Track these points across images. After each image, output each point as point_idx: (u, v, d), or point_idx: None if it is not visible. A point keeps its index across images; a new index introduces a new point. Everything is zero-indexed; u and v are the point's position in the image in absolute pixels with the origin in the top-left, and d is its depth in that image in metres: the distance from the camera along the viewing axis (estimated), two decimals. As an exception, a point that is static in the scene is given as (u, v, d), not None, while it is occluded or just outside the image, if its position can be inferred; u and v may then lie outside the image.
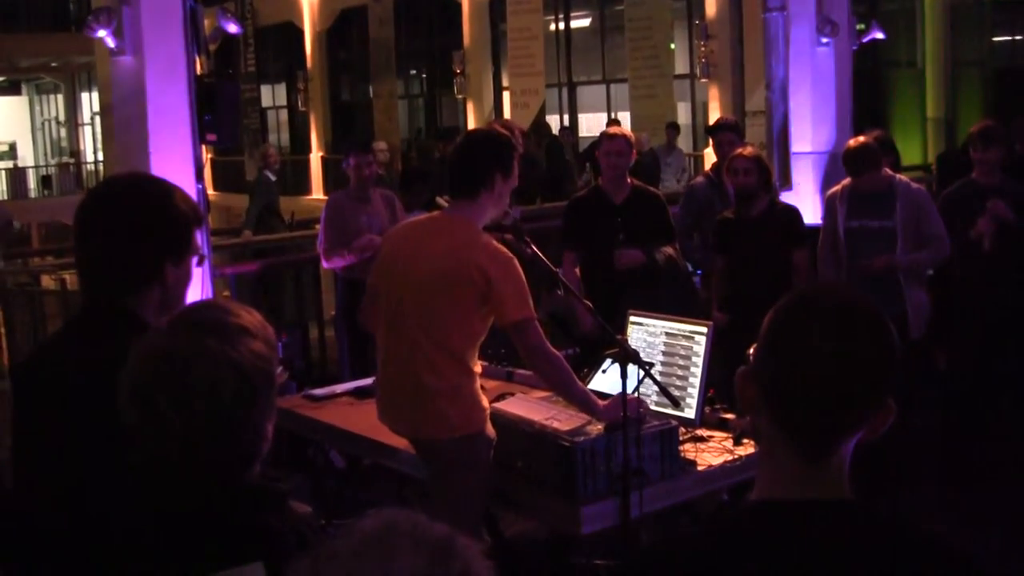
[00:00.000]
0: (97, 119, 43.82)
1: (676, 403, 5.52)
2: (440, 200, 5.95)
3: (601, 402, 5.45)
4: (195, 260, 3.26)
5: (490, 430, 5.48)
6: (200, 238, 3.33)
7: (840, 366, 2.12)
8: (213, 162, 32.42)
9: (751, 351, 2.25)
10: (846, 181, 8.53)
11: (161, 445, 2.37)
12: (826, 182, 11.09)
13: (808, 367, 2.13)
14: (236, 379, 2.36)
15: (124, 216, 3.14)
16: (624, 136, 8.47)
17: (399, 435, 5.77)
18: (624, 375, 5.11)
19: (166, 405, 2.34)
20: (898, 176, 8.55)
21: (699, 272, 9.43)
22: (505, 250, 5.40)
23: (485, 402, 5.51)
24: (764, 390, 2.20)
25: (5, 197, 39.75)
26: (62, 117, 49.32)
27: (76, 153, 47.69)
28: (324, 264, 9.62)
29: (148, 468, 2.40)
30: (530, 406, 5.81)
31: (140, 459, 2.40)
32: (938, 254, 8.36)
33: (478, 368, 5.54)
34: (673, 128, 21.94)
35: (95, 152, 45.54)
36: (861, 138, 8.61)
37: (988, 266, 8.55)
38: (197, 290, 6.95)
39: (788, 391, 2.16)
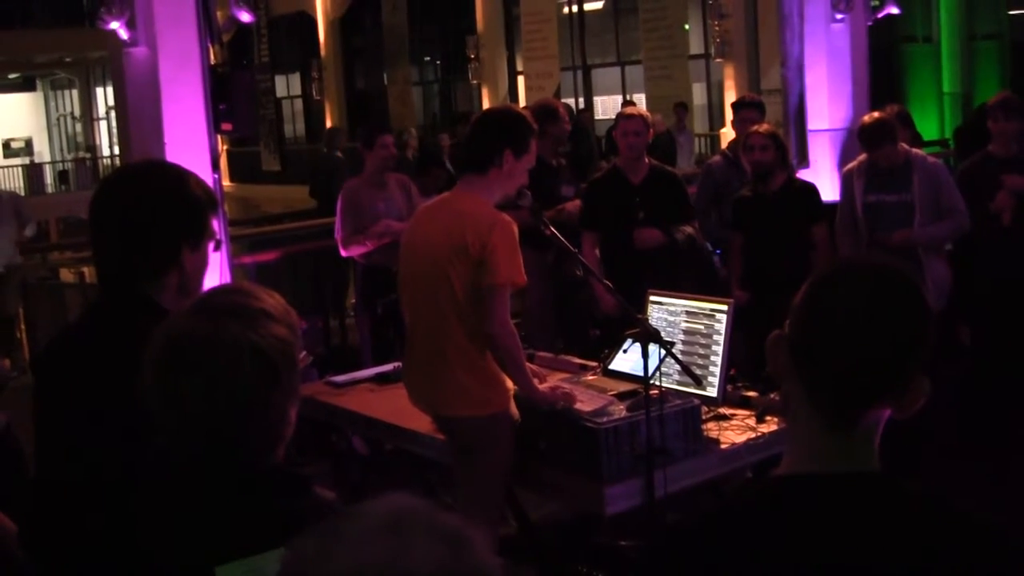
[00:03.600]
0: (112, 113, 43.82)
1: (698, 382, 5.52)
2: None
3: (540, 387, 5.57)
4: (212, 245, 3.25)
5: (514, 410, 5.49)
6: (216, 223, 3.33)
7: (870, 331, 2.11)
8: (228, 153, 32.47)
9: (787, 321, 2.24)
10: (862, 156, 8.52)
11: (183, 430, 2.36)
12: (843, 159, 11.04)
13: (838, 330, 2.12)
14: (259, 363, 2.35)
15: (139, 202, 3.14)
16: (641, 116, 8.45)
17: (425, 413, 5.79)
18: (645, 354, 5.10)
19: (188, 390, 2.33)
20: (914, 150, 8.53)
21: (718, 251, 9.42)
22: (507, 217, 5.44)
23: (509, 382, 5.52)
24: (795, 355, 2.19)
25: (23, 193, 39.79)
26: (77, 112, 49.36)
27: (92, 148, 47.75)
28: (343, 252, 9.60)
29: (171, 454, 2.39)
30: (552, 387, 5.80)
31: (162, 445, 2.39)
32: (957, 227, 8.35)
33: None
34: (682, 108, 21.89)
35: (111, 146, 45.57)
36: (876, 113, 8.60)
37: (1008, 239, 8.52)
38: (216, 279, 6.95)
39: (817, 355, 2.15)
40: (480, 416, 5.43)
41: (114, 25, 8.27)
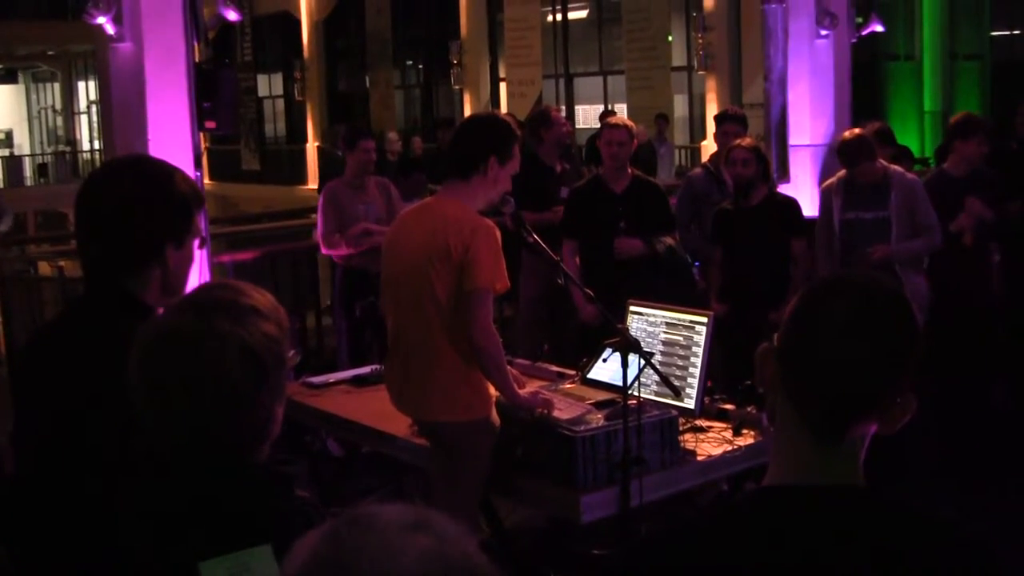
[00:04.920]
0: (93, 108, 43.84)
1: (677, 393, 5.51)
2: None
3: (521, 392, 5.56)
4: (197, 243, 3.24)
5: (495, 417, 5.49)
6: (201, 221, 3.31)
7: (858, 346, 2.12)
8: (209, 151, 32.40)
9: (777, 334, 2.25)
10: (841, 173, 8.56)
11: (169, 427, 2.36)
12: (824, 174, 11.06)
13: (826, 344, 2.13)
14: (246, 360, 2.35)
15: (125, 197, 3.11)
16: (625, 126, 8.48)
17: (407, 416, 5.79)
18: (624, 364, 5.10)
19: (176, 386, 2.33)
20: (892, 166, 8.57)
21: (697, 263, 9.43)
22: (489, 221, 5.44)
23: (491, 389, 5.52)
24: (783, 368, 2.19)
25: (1, 185, 39.70)
26: (58, 105, 49.29)
27: (72, 141, 47.67)
28: (323, 250, 9.61)
29: (156, 450, 2.39)
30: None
31: (148, 441, 2.38)
32: (931, 244, 8.41)
33: None
34: (662, 119, 21.93)
35: (91, 141, 45.55)
36: (856, 130, 8.65)
37: (969, 260, 8.59)
38: (196, 277, 6.94)
39: (805, 368, 2.16)
40: (462, 421, 5.43)
41: (100, 20, 8.24)
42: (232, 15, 9.27)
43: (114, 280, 3.12)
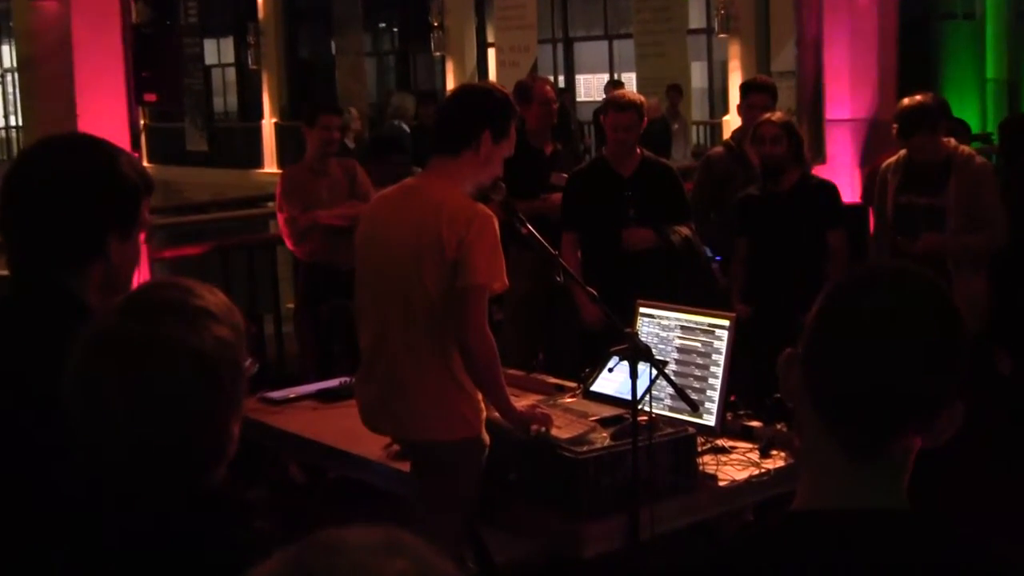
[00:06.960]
0: (10, 77, 43.60)
1: (694, 408, 5.52)
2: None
3: (518, 405, 5.60)
4: (144, 235, 3.27)
5: (484, 435, 5.51)
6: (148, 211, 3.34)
7: (894, 348, 2.12)
8: (147, 128, 32.31)
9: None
10: (903, 151, 8.44)
11: (110, 445, 2.36)
12: (866, 153, 11.08)
13: (857, 347, 2.14)
14: (198, 369, 2.36)
15: (63, 181, 3.14)
16: (634, 105, 8.37)
17: (384, 435, 5.84)
18: (633, 375, 5.12)
19: (116, 398, 2.33)
20: (961, 147, 8.47)
21: (718, 257, 9.43)
22: (487, 209, 5.46)
23: (482, 403, 5.54)
24: (808, 376, 2.20)
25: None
26: (-33, 74, 49.12)
27: (-15, 117, 47.50)
28: (290, 244, 9.51)
29: (96, 471, 2.41)
30: (524, 410, 5.83)
31: (87, 461, 2.40)
32: (991, 241, 8.29)
33: None
34: (675, 91, 21.87)
35: (7, 116, 45.31)
36: (918, 97, 8.54)
37: None
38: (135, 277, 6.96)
39: (833, 375, 2.16)
40: (456, 440, 5.45)
41: (20, -26, 8.28)
42: (174, -31, 9.30)
43: (48, 276, 3.14)
